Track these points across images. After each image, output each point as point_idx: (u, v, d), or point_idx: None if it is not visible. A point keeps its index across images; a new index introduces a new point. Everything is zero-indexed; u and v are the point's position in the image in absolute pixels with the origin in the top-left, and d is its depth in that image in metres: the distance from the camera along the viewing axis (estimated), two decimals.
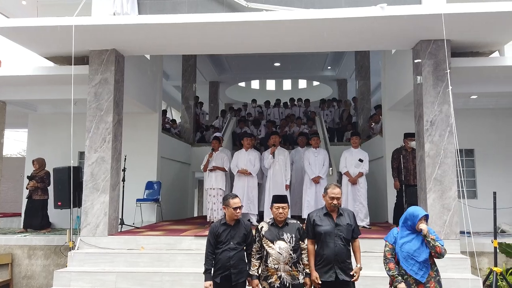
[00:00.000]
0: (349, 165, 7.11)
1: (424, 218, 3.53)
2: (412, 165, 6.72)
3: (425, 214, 3.54)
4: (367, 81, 11.13)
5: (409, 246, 3.51)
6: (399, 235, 3.61)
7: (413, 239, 3.53)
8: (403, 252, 3.51)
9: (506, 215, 7.64)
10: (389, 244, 3.65)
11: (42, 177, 7.90)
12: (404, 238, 3.56)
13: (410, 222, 3.56)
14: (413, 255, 3.46)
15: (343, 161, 7.21)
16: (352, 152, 7.20)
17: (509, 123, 8.15)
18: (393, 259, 3.59)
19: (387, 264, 3.61)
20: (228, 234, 3.80)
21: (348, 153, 7.23)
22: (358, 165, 7.05)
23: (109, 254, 5.69)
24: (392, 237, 3.65)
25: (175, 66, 12.48)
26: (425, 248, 3.48)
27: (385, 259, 3.64)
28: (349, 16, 5.22)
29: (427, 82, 5.87)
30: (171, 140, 9.86)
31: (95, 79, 6.23)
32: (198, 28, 5.62)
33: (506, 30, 5.59)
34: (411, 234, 3.56)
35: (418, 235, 3.54)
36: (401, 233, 3.61)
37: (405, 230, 3.59)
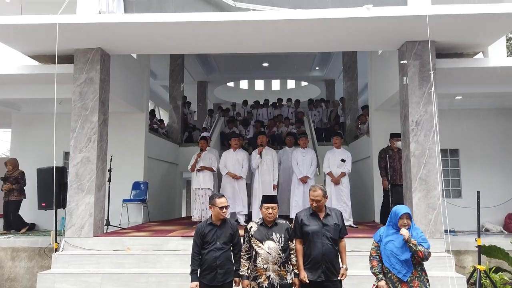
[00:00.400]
0: (332, 165, 7.17)
1: (406, 216, 3.56)
2: (399, 165, 6.79)
3: (405, 212, 3.57)
4: (355, 82, 11.21)
5: (392, 245, 3.54)
6: (384, 234, 3.65)
7: (397, 238, 3.57)
8: (386, 251, 3.55)
9: (490, 214, 7.78)
10: (374, 242, 3.71)
11: (16, 178, 7.76)
12: (389, 236, 3.60)
13: (394, 220, 3.60)
14: (396, 253, 3.50)
15: (326, 161, 7.27)
16: (334, 153, 7.26)
17: (492, 123, 8.30)
18: (377, 257, 3.64)
19: (371, 261, 3.67)
20: (214, 234, 3.79)
21: (331, 153, 7.28)
22: (340, 165, 7.11)
23: (94, 256, 5.62)
24: (378, 235, 3.69)
25: (162, 65, 12.39)
26: (408, 248, 3.52)
27: (370, 256, 3.69)
28: (336, 16, 5.25)
29: (412, 83, 5.94)
30: (158, 140, 9.79)
31: (80, 78, 6.15)
32: (185, 28, 5.59)
33: (489, 32, 5.68)
34: (396, 233, 3.59)
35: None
36: (386, 231, 3.65)
37: (391, 229, 3.63)
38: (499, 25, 5.51)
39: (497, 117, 8.31)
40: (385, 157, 7.04)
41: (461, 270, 6.33)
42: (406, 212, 3.57)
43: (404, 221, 3.55)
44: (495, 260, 6.20)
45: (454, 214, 7.60)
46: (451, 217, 7.51)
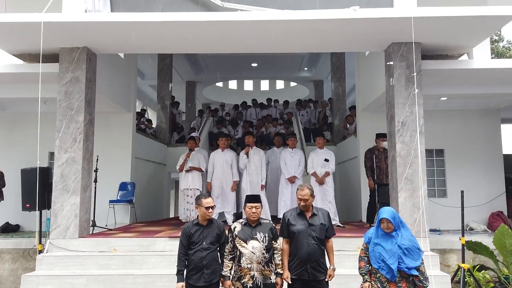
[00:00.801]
0: (316, 165, 7.21)
1: (386, 220, 3.47)
2: (385, 165, 6.86)
3: (385, 217, 3.46)
4: (342, 83, 11.28)
5: (381, 248, 3.49)
6: (374, 235, 3.60)
7: (386, 241, 3.50)
8: (375, 253, 3.51)
9: (474, 213, 7.92)
10: (364, 243, 3.68)
11: None
12: (378, 239, 3.54)
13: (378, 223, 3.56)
14: (384, 257, 3.44)
15: (310, 162, 7.31)
16: (318, 153, 7.30)
17: (477, 124, 8.44)
18: (365, 258, 3.63)
19: (359, 262, 3.66)
20: (200, 234, 3.78)
21: (314, 154, 7.33)
22: (324, 165, 7.15)
23: (80, 257, 5.55)
24: (367, 236, 3.66)
25: (150, 65, 12.31)
26: (396, 251, 3.43)
27: (359, 256, 3.69)
28: (323, 18, 5.28)
29: (398, 84, 6.00)
30: (146, 140, 9.73)
31: (66, 78, 6.07)
32: (172, 27, 5.57)
33: (474, 34, 5.77)
34: (385, 235, 3.52)
35: (391, 236, 3.51)
36: (376, 233, 3.60)
37: (380, 230, 3.57)
38: (483, 28, 5.60)
39: (481, 118, 8.46)
40: (371, 157, 7.10)
41: (446, 268, 6.43)
42: (385, 217, 3.47)
43: (385, 225, 3.50)
44: (479, 259, 6.31)
45: (439, 214, 7.77)
46: (437, 217, 7.69)
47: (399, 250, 3.43)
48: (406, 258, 3.42)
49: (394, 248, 3.44)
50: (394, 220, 3.49)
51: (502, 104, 8.10)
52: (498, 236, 5.56)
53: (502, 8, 5.24)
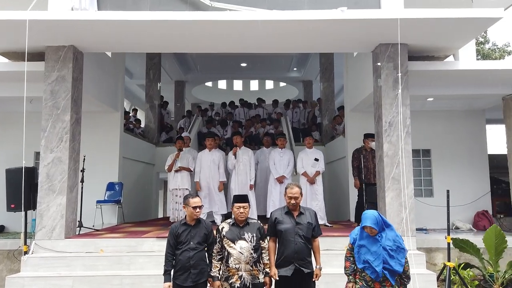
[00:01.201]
0: (306, 165, 7.24)
1: (369, 228, 3.45)
2: (372, 164, 6.93)
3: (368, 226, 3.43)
4: (331, 83, 11.35)
5: (366, 250, 3.50)
6: (359, 236, 3.60)
7: (371, 242, 3.51)
8: (360, 254, 3.52)
9: (460, 212, 8.04)
10: (349, 243, 3.69)
11: None
12: (363, 240, 3.55)
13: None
14: (369, 259, 3.46)
15: (299, 162, 7.34)
16: (307, 153, 7.34)
17: (462, 125, 8.57)
18: (351, 258, 3.64)
19: (345, 262, 3.68)
20: (188, 234, 3.77)
21: (303, 154, 7.36)
22: (314, 164, 7.20)
23: (66, 258, 5.48)
24: (352, 237, 3.66)
25: (139, 64, 12.23)
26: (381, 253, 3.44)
27: (345, 256, 3.71)
28: (311, 18, 5.31)
29: (385, 85, 6.06)
30: (134, 140, 9.66)
31: (52, 76, 5.99)
32: (160, 26, 5.54)
33: (459, 35, 5.86)
34: (369, 237, 3.53)
35: (375, 239, 3.51)
36: (360, 234, 3.60)
37: (364, 232, 3.58)
38: (469, 29, 5.69)
39: (467, 118, 8.59)
40: (358, 157, 7.16)
41: (432, 267, 6.51)
42: (368, 225, 3.44)
43: (368, 230, 3.50)
44: (465, 257, 6.41)
45: (426, 213, 7.87)
46: (423, 216, 7.78)
47: (383, 251, 3.44)
48: (391, 260, 3.42)
49: (379, 250, 3.45)
50: (377, 225, 3.47)
51: (487, 105, 8.23)
52: (489, 235, 5.64)
53: (487, 11, 5.34)
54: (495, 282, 5.66)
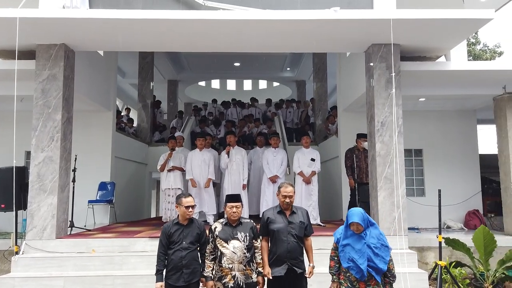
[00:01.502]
0: (302, 164, 7.25)
1: (356, 224, 3.47)
2: (365, 164, 6.97)
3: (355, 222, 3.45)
4: (324, 83, 11.38)
5: (350, 248, 3.50)
6: (343, 235, 3.60)
7: (355, 241, 3.52)
8: (345, 253, 3.53)
9: (451, 211, 8.11)
10: (334, 242, 3.70)
11: None
12: (347, 239, 3.55)
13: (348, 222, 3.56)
14: (354, 258, 3.46)
15: (296, 161, 7.34)
16: (304, 152, 7.34)
17: (454, 125, 8.64)
18: (335, 257, 3.64)
19: (330, 261, 3.68)
20: (180, 234, 3.75)
21: (300, 153, 7.36)
22: (310, 164, 7.20)
23: (57, 258, 5.44)
24: (336, 236, 3.67)
25: (131, 63, 12.15)
26: (365, 251, 3.46)
27: (330, 256, 3.71)
28: (304, 18, 5.32)
29: (378, 85, 6.09)
30: (126, 140, 9.60)
31: (43, 75, 5.94)
32: (152, 25, 5.51)
33: (450, 36, 5.91)
34: (354, 235, 3.54)
35: (360, 236, 3.53)
36: (345, 233, 3.61)
37: (349, 230, 3.59)
38: (460, 30, 5.74)
39: (458, 118, 8.66)
40: (351, 156, 7.20)
41: (424, 266, 6.56)
42: (356, 221, 3.46)
43: (355, 227, 3.51)
44: (456, 256, 6.46)
45: (418, 212, 7.93)
46: (415, 215, 7.84)
47: (368, 249, 3.45)
48: (375, 258, 3.43)
49: (363, 248, 3.46)
50: (363, 222, 3.49)
51: (478, 105, 8.31)
52: (478, 235, 5.69)
53: (478, 12, 5.39)
54: (486, 280, 5.71)
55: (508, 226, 7.17)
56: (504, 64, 6.70)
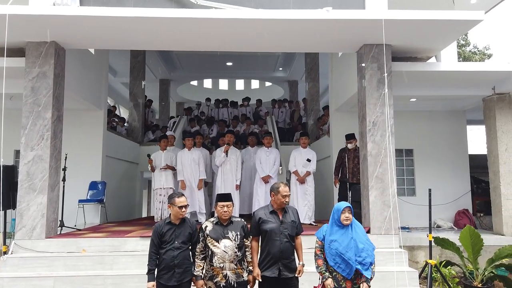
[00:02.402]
0: (298, 164, 7.26)
1: (348, 209, 3.60)
2: (352, 164, 7.02)
3: (347, 206, 3.61)
4: (316, 83, 11.42)
5: (337, 244, 3.55)
6: (328, 232, 3.64)
7: (342, 235, 3.57)
8: (331, 250, 3.55)
9: (441, 211, 8.20)
10: (318, 240, 3.71)
11: None
12: (333, 235, 3.59)
13: (336, 216, 3.62)
14: (341, 252, 3.50)
15: (292, 160, 7.34)
16: (300, 152, 7.35)
17: (444, 125, 8.72)
18: (321, 255, 3.66)
19: (316, 260, 3.69)
20: (172, 233, 3.74)
21: (297, 152, 7.37)
22: (306, 164, 7.21)
23: (47, 258, 5.38)
24: (321, 234, 3.69)
25: (123, 62, 12.07)
26: (352, 245, 3.52)
27: (315, 255, 3.71)
28: (296, 17, 5.33)
29: (370, 85, 6.13)
30: (117, 139, 9.53)
31: (32, 73, 5.86)
32: (144, 23, 5.47)
33: (441, 37, 5.96)
34: (340, 230, 3.59)
35: (347, 231, 3.59)
36: (330, 229, 3.64)
37: (334, 227, 3.63)
38: (451, 31, 5.80)
39: (448, 119, 8.74)
40: (340, 156, 7.24)
41: (414, 264, 6.62)
42: (348, 205, 3.62)
43: (346, 215, 3.58)
44: (446, 255, 6.53)
45: (408, 211, 7.99)
46: (406, 214, 7.90)
47: (354, 243, 3.53)
48: (362, 252, 3.52)
49: (350, 243, 3.52)
50: (352, 211, 3.63)
51: (468, 106, 8.40)
52: (464, 235, 5.76)
53: (468, 13, 5.45)
54: (475, 279, 5.78)
55: (497, 225, 7.27)
56: (493, 65, 6.79)
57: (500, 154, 7.18)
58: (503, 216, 7.08)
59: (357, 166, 6.84)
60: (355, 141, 7.08)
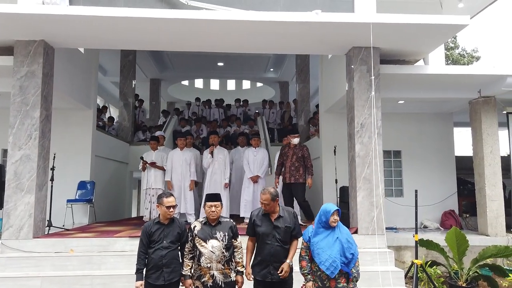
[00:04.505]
0: None
1: (336, 212, 3.64)
2: (289, 163, 6.78)
3: (336, 209, 3.63)
4: (307, 84, 11.49)
5: (323, 244, 3.58)
6: (313, 233, 3.66)
7: (327, 236, 3.61)
8: (318, 250, 3.58)
9: (428, 211, 8.31)
10: (304, 242, 3.73)
11: None
12: (319, 235, 3.62)
13: (324, 218, 3.63)
14: (327, 252, 3.54)
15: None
16: None
17: (431, 127, 8.84)
18: (306, 256, 3.68)
19: (300, 261, 3.69)
20: (161, 233, 3.75)
21: None
22: None
23: (34, 258, 5.34)
24: (307, 235, 3.71)
25: (113, 61, 12.00)
26: (337, 245, 3.56)
27: (299, 256, 3.71)
28: (285, 20, 5.38)
29: (358, 87, 6.20)
30: (107, 138, 9.49)
31: (21, 72, 5.82)
32: (134, 23, 5.47)
33: (429, 40, 6.06)
34: (325, 231, 3.63)
35: (333, 232, 3.63)
36: (315, 231, 3.67)
37: (320, 228, 3.66)
38: (438, 35, 5.90)
39: (435, 121, 8.87)
40: (281, 154, 6.99)
41: (401, 264, 6.71)
42: (337, 209, 3.63)
43: (335, 217, 3.62)
44: (432, 255, 6.63)
45: (396, 212, 8.09)
46: (394, 215, 8.00)
47: (340, 244, 3.57)
48: (347, 252, 3.57)
49: (336, 243, 3.57)
50: (339, 212, 3.66)
51: (455, 109, 8.53)
52: (450, 236, 5.86)
53: (454, 18, 5.55)
54: (460, 279, 5.88)
55: (482, 226, 7.40)
56: (479, 69, 6.91)
57: (485, 156, 7.31)
58: (488, 217, 7.21)
59: (295, 164, 6.68)
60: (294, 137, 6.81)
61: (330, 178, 8.03)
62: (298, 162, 6.70)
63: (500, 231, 7.15)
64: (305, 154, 6.76)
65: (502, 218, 7.21)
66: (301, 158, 6.73)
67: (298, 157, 6.72)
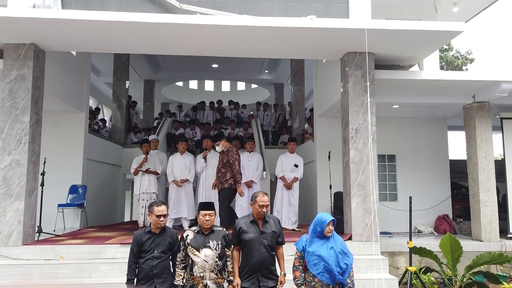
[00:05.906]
0: (285, 169, 7.25)
1: (332, 222, 3.62)
2: (216, 169, 6.76)
3: (332, 219, 3.62)
4: (302, 87, 11.45)
5: (319, 254, 3.56)
6: (308, 243, 3.64)
7: (322, 245, 3.59)
8: (313, 259, 3.56)
9: (422, 216, 8.31)
10: (298, 251, 3.71)
11: None
12: (314, 245, 3.60)
13: (319, 228, 3.62)
14: (323, 262, 3.52)
15: (279, 165, 7.32)
16: (288, 157, 7.34)
17: (426, 131, 8.84)
18: (300, 266, 3.66)
19: (294, 272, 3.67)
20: (152, 243, 3.71)
21: (284, 157, 7.36)
22: (293, 170, 7.22)
23: (23, 266, 5.25)
24: (301, 245, 3.69)
25: (106, 61, 11.88)
26: (332, 254, 3.55)
27: (293, 266, 3.70)
28: (280, 25, 5.34)
29: (353, 92, 6.17)
30: (99, 141, 9.37)
31: (10, 75, 5.73)
32: (126, 27, 5.40)
33: (423, 46, 6.06)
34: (320, 240, 3.61)
35: (327, 241, 3.61)
36: (310, 241, 3.65)
37: (314, 237, 3.64)
38: (432, 41, 5.89)
39: (430, 125, 8.87)
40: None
41: (395, 270, 6.69)
42: (332, 219, 3.62)
43: (330, 227, 3.60)
44: (426, 261, 6.62)
45: (390, 217, 8.08)
46: (388, 220, 7.98)
47: (335, 254, 3.56)
48: (342, 261, 3.56)
49: (331, 253, 3.55)
50: (334, 223, 3.64)
51: (449, 113, 8.53)
52: (444, 242, 5.85)
53: (449, 24, 5.55)
54: (454, 285, 5.87)
55: (476, 231, 7.40)
56: (473, 75, 6.91)
57: (479, 161, 7.31)
58: (482, 222, 7.21)
59: (221, 170, 6.56)
60: (223, 143, 6.63)
61: (325, 183, 7.99)
62: (223, 168, 6.59)
63: (494, 237, 7.15)
64: (230, 160, 6.56)
65: (495, 224, 7.22)
66: (226, 163, 6.57)
67: (223, 162, 6.58)
